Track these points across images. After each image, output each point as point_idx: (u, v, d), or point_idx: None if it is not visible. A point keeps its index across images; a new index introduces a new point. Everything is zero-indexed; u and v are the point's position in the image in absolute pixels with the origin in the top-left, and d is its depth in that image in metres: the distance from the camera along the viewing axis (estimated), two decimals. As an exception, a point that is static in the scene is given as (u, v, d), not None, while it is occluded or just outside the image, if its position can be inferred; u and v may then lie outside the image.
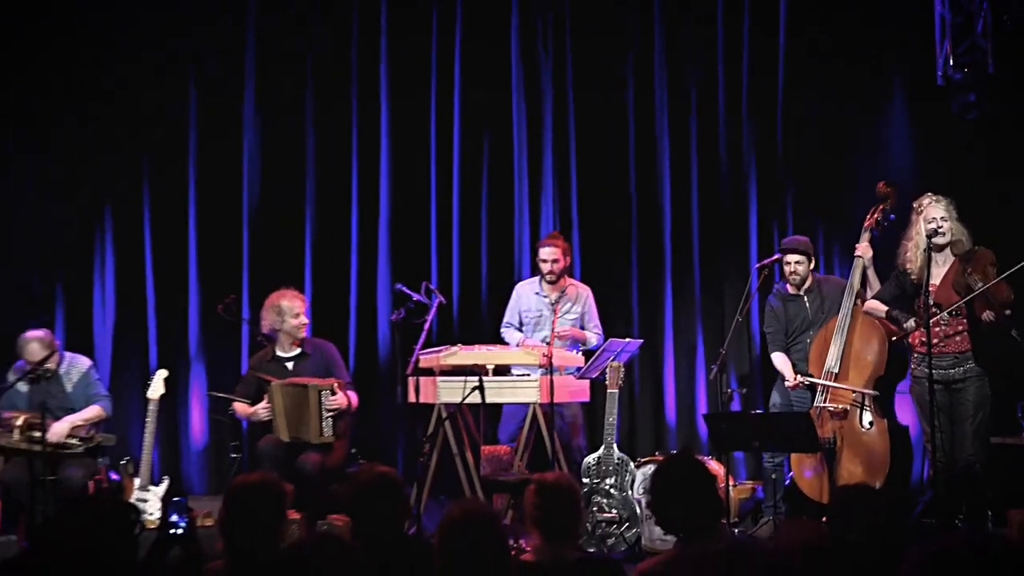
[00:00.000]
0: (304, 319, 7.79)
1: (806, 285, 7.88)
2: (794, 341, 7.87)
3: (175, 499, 7.10)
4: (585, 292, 8.43)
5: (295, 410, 7.47)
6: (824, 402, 7.35)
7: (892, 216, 7.56)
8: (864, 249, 7.55)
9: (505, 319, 8.49)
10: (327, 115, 9.80)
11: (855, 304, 7.46)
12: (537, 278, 8.41)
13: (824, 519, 4.25)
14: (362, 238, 9.74)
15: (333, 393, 7.45)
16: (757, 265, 8.21)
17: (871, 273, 7.55)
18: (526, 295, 8.42)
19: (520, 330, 8.36)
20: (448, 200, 9.75)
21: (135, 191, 9.76)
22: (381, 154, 9.75)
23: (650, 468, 7.44)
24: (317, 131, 9.81)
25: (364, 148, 9.78)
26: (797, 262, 7.82)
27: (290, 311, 7.72)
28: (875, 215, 7.58)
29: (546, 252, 8.21)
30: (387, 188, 9.75)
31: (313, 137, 9.81)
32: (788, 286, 7.92)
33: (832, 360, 7.40)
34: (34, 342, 7.59)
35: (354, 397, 7.70)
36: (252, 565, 3.87)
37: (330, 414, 7.44)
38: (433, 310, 7.73)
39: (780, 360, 7.83)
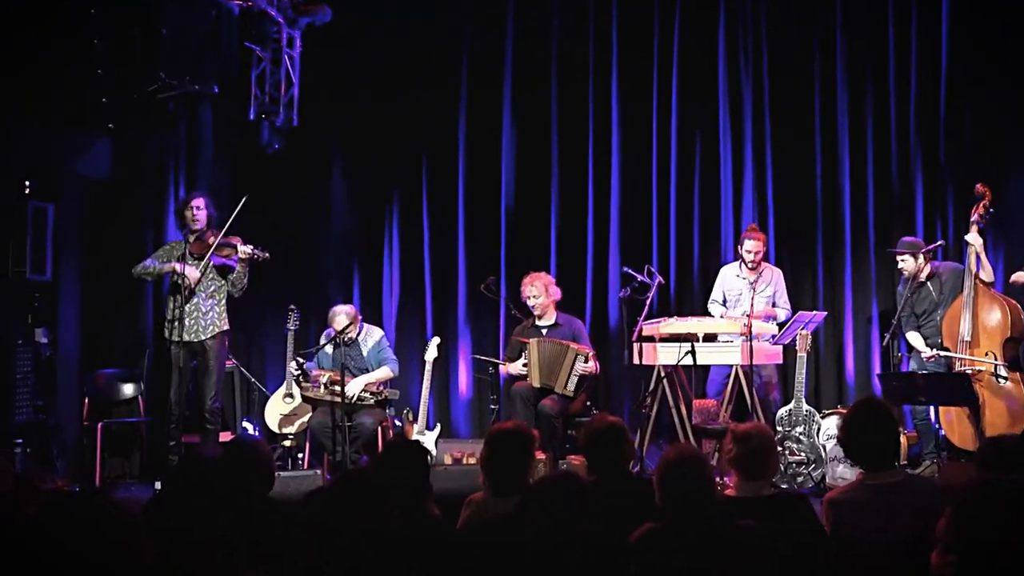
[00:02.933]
0: (546, 298, 7.91)
1: (925, 273, 7.62)
2: (927, 320, 7.63)
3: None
4: (777, 274, 8.27)
5: (548, 363, 7.64)
6: (962, 366, 7.14)
7: (992, 210, 7.39)
8: (973, 238, 7.34)
9: (712, 296, 8.39)
10: (568, 123, 9.69)
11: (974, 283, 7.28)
12: (738, 263, 8.27)
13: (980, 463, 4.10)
14: (597, 228, 9.63)
15: (587, 361, 7.60)
16: (923, 250, 7.86)
17: (982, 256, 7.35)
18: (729, 277, 8.32)
19: (724, 305, 8.27)
20: (666, 194, 9.56)
21: (416, 188, 9.86)
22: (612, 156, 9.61)
23: (833, 419, 7.34)
24: (560, 136, 9.71)
25: (598, 151, 9.63)
26: (902, 260, 7.63)
27: (545, 289, 7.91)
28: (978, 210, 7.38)
29: (750, 244, 8.07)
30: (617, 185, 9.61)
31: (557, 141, 9.71)
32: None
33: (965, 331, 7.24)
34: (342, 314, 7.80)
35: (598, 366, 7.83)
36: (507, 496, 3.86)
37: (577, 375, 7.58)
38: (654, 288, 7.71)
39: (914, 337, 7.65)
